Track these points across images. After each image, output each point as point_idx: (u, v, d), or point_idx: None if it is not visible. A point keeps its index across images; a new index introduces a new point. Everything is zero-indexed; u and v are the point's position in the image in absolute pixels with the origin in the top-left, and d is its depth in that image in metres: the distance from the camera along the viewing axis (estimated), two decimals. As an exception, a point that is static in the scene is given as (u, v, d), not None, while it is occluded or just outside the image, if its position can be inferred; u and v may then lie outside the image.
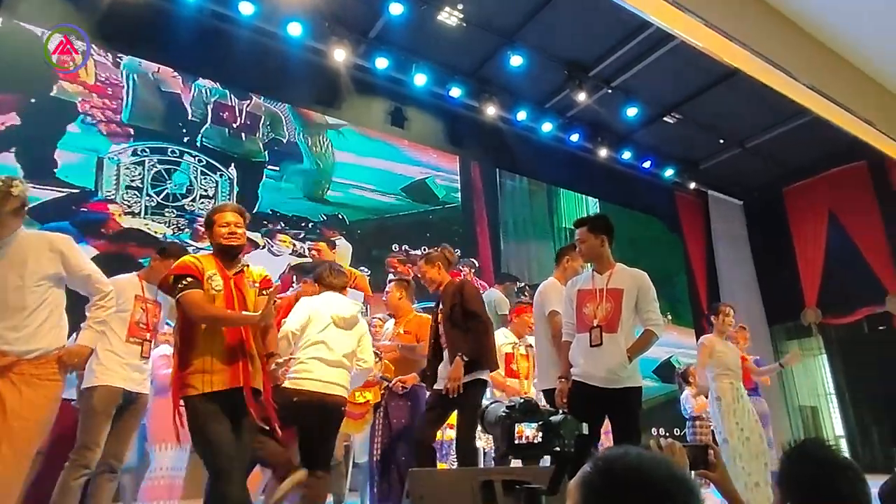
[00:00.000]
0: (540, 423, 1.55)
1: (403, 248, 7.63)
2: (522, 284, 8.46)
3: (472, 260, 8.16)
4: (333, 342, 3.29)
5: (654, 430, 8.57)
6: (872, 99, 8.11)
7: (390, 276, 5.51)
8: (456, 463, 5.00)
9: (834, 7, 6.97)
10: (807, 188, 10.55)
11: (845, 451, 10.66)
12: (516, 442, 1.57)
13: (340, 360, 3.27)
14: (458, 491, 2.05)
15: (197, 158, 6.48)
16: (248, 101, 6.96)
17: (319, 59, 7.26)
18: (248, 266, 2.85)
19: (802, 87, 6.90)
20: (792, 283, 10.38)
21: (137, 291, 3.47)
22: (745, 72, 6.77)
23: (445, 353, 3.65)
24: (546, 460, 1.94)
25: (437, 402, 3.62)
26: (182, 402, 2.54)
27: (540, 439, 1.54)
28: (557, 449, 1.53)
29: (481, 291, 7.28)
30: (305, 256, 6.87)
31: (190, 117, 6.51)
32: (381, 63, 7.47)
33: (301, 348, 3.25)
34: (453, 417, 4.96)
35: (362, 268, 7.29)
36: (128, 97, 6.18)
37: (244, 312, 2.65)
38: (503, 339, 4.65)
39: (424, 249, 7.77)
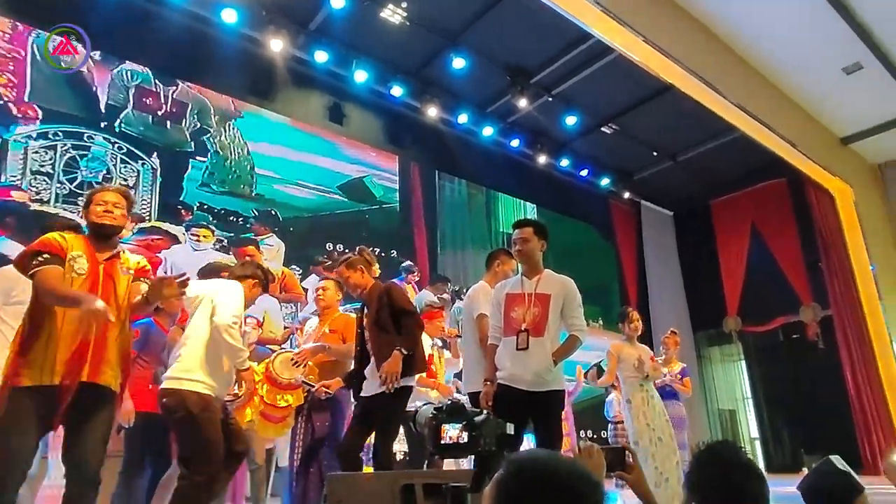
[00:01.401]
0: (464, 423, 1.59)
1: (338, 247, 7.43)
2: (458, 287, 8.41)
3: (410, 263, 8.05)
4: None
5: (581, 433, 8.72)
6: (795, 122, 8.57)
7: (321, 279, 5.30)
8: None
9: (765, 34, 7.31)
10: (732, 202, 11.06)
11: (759, 452, 11.24)
12: (442, 442, 1.61)
13: (175, 356, 2.99)
14: (377, 495, 2.03)
15: (116, 145, 6.08)
16: (175, 88, 6.58)
17: (255, 48, 6.97)
18: (123, 252, 2.66)
19: (731, 105, 7.20)
20: (715, 292, 10.86)
21: None
22: (679, 88, 7.00)
23: (373, 360, 3.52)
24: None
25: (364, 413, 3.50)
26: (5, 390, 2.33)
27: (466, 439, 1.58)
28: (480, 448, 1.57)
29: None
30: (230, 253, 6.57)
31: (108, 101, 6.08)
32: (321, 56, 7.24)
33: None
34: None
35: (294, 266, 7.06)
36: (31, 74, 5.68)
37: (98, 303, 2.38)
38: (425, 342, 4.67)
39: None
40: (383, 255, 7.80)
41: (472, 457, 1.76)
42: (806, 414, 10.37)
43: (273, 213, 7.06)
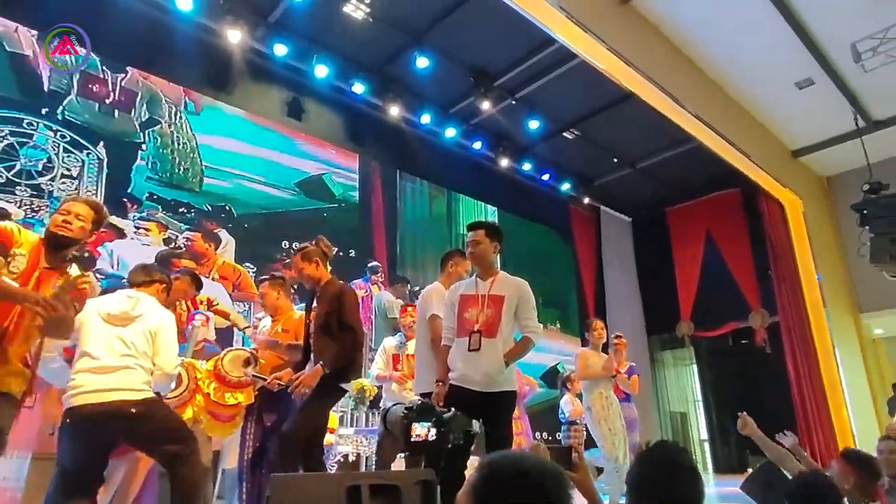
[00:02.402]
0: (433, 420, 1.69)
1: (294, 245, 7.24)
2: (418, 288, 8.34)
3: (376, 264, 7.93)
4: (101, 348, 2.81)
5: (537, 434, 8.76)
6: (749, 133, 8.79)
7: (263, 277, 5.17)
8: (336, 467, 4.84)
9: (723, 47, 7.47)
10: (688, 210, 11.29)
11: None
12: (412, 440, 1.72)
13: (115, 365, 2.78)
14: (322, 497, 1.99)
15: (59, 133, 5.77)
16: (124, 76, 6.29)
17: (211, 38, 6.73)
18: (71, 266, 2.56)
19: (689, 115, 7.32)
20: (670, 297, 11.06)
21: None
22: (640, 96, 7.08)
23: (313, 358, 3.51)
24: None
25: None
26: None
27: (434, 437, 1.67)
28: (449, 444, 1.69)
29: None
30: (179, 248, 6.35)
31: (50, 87, 5.78)
32: (280, 50, 7.04)
33: (74, 366, 2.80)
34: (333, 421, 4.80)
35: (247, 264, 6.87)
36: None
37: None
38: (394, 341, 4.78)
39: (317, 249, 7.46)
40: (341, 254, 7.66)
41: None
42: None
43: (227, 208, 6.84)
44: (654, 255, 11.60)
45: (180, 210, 6.43)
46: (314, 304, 3.55)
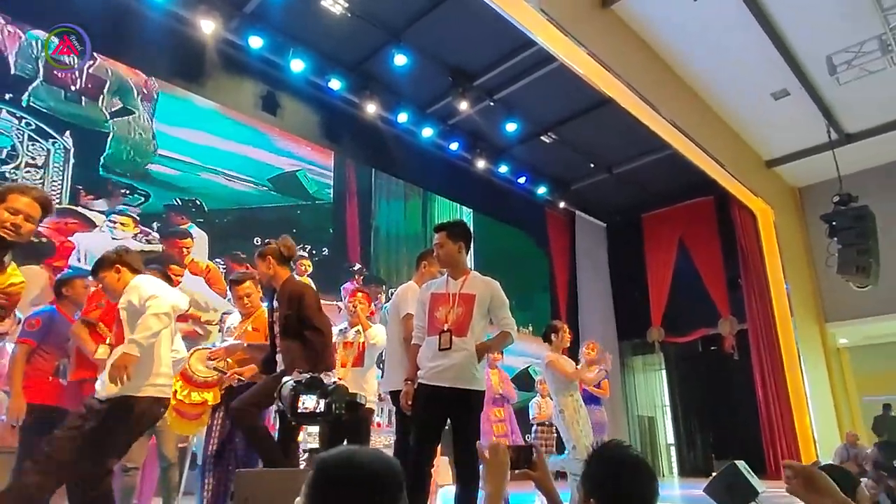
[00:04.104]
0: (319, 392, 1.75)
1: (266, 242, 7.12)
2: (392, 289, 8.28)
3: (360, 266, 7.85)
4: (172, 340, 3.03)
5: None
6: (725, 142, 8.90)
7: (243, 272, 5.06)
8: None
9: (702, 56, 7.55)
10: (662, 216, 11.41)
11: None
12: (299, 411, 1.78)
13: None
14: (285, 490, 2.00)
15: (24, 121, 5.58)
16: (92, 63, 6.10)
17: (184, 28, 6.57)
18: (11, 265, 2.36)
19: (665, 122, 7.37)
20: (642, 303, 11.16)
21: None
22: (618, 102, 7.12)
23: (280, 359, 3.41)
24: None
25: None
26: None
27: (322, 408, 1.75)
28: (333, 414, 1.77)
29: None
30: (153, 243, 6.20)
31: (14, 71, 5.57)
32: (256, 42, 6.90)
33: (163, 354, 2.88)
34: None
35: (217, 260, 6.74)
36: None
37: None
38: (335, 329, 4.63)
39: (289, 246, 7.35)
40: (314, 252, 7.57)
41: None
42: (718, 421, 10.86)
43: (198, 203, 6.69)
44: (627, 261, 11.69)
45: (149, 203, 6.27)
46: (275, 304, 3.48)
